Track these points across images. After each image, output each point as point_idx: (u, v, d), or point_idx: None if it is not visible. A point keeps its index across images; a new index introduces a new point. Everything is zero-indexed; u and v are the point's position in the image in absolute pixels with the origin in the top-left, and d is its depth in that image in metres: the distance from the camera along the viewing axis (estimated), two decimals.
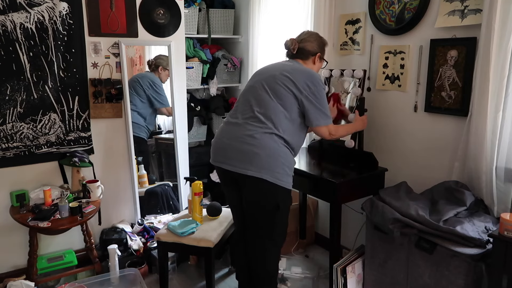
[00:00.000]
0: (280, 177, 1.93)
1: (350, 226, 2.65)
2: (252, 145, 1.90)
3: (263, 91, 1.98)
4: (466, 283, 1.72)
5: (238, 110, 2.04)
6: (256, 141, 1.91)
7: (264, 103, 1.96)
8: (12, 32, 2.40)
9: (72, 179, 2.66)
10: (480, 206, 1.94)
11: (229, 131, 2.01)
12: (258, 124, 1.93)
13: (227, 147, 1.98)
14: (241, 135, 1.94)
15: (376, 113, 2.51)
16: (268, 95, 1.96)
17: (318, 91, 1.97)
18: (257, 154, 1.90)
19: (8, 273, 2.56)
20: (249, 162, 1.90)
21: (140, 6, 2.80)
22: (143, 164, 3.12)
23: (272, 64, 2.16)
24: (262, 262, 2.12)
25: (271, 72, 2.04)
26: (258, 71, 2.17)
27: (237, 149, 1.93)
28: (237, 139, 1.94)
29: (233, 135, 1.97)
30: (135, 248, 2.70)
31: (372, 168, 2.33)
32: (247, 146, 1.91)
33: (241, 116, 1.99)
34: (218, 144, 2.04)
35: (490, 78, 1.83)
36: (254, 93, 2.01)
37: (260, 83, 2.01)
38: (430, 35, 2.17)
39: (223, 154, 1.99)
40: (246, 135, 1.92)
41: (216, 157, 2.05)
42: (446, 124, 2.16)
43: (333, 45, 2.75)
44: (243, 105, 2.03)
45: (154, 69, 3.13)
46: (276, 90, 1.96)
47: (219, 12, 3.58)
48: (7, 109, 2.45)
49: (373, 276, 2.16)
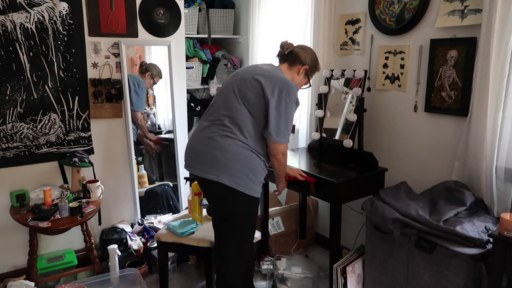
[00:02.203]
0: (239, 182, 1.82)
1: (350, 226, 2.65)
2: (212, 148, 1.84)
3: (233, 94, 1.89)
4: (466, 283, 1.72)
5: (208, 112, 1.99)
6: (216, 143, 1.83)
7: (232, 107, 1.87)
8: (12, 32, 2.40)
9: (72, 179, 2.66)
10: (480, 206, 1.94)
11: (196, 134, 1.97)
12: (221, 127, 1.86)
13: (192, 150, 1.95)
14: (203, 138, 1.90)
15: (376, 113, 2.51)
16: (236, 99, 1.86)
17: (288, 101, 1.84)
18: (216, 156, 1.82)
19: (8, 273, 2.56)
20: (209, 165, 1.84)
21: (140, 6, 2.80)
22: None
23: (250, 66, 2.11)
24: (222, 274, 2.02)
25: (245, 75, 1.94)
26: (235, 72, 2.08)
27: (199, 152, 1.89)
28: (200, 142, 1.91)
29: (198, 138, 1.93)
30: (135, 248, 2.70)
31: (372, 168, 2.33)
32: (207, 148, 1.85)
33: (208, 119, 1.95)
34: (187, 147, 2.00)
35: (490, 78, 1.83)
36: (224, 96, 1.94)
37: (231, 86, 1.93)
38: (430, 35, 2.17)
39: (189, 157, 1.96)
40: (208, 138, 1.87)
41: (185, 161, 2.00)
42: (446, 124, 2.16)
43: (333, 45, 2.75)
44: (212, 107, 1.98)
45: (142, 72, 3.12)
46: (245, 94, 1.86)
47: (219, 12, 3.58)
48: (7, 109, 2.45)
49: (373, 276, 2.16)
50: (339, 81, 2.55)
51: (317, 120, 2.67)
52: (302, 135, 2.93)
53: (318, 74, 2.70)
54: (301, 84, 2.09)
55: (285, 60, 2.05)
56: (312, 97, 2.80)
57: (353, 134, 2.38)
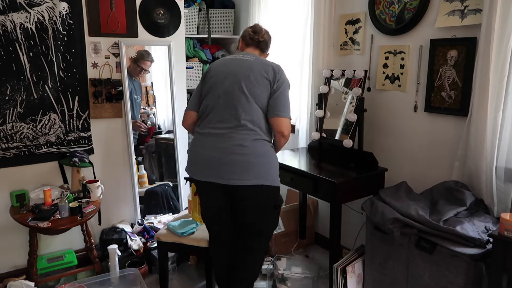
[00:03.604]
0: (275, 178, 1.98)
1: (350, 226, 2.65)
2: (244, 155, 1.86)
3: (245, 96, 1.89)
4: (466, 283, 1.72)
5: (217, 118, 1.92)
6: (247, 149, 1.86)
7: (250, 110, 1.89)
8: (12, 32, 2.39)
9: (72, 179, 2.66)
10: (480, 206, 1.94)
11: (212, 142, 1.90)
12: (246, 131, 1.88)
13: (216, 161, 1.88)
14: (229, 146, 1.86)
15: (376, 113, 2.51)
16: (251, 100, 1.89)
17: (286, 82, 1.99)
18: (251, 163, 1.87)
19: (8, 273, 2.56)
20: (245, 172, 1.86)
21: (140, 6, 2.80)
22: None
23: (232, 60, 2.01)
24: (255, 266, 2.14)
25: (243, 72, 1.92)
26: (221, 69, 1.99)
27: (229, 161, 1.86)
28: (226, 151, 1.86)
29: (220, 147, 1.88)
30: (135, 248, 2.70)
31: (372, 168, 2.33)
32: (240, 156, 1.86)
33: (224, 125, 1.89)
34: (201, 156, 1.92)
35: (490, 78, 1.83)
36: (235, 99, 1.89)
37: (238, 86, 1.89)
38: (430, 35, 2.17)
39: (212, 168, 1.89)
40: (235, 145, 1.86)
41: (201, 172, 1.93)
42: (446, 124, 2.16)
43: (333, 45, 2.75)
44: (224, 112, 1.91)
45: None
46: (257, 94, 1.90)
47: (219, 12, 3.58)
48: (7, 109, 2.45)
49: (373, 276, 2.16)
50: (339, 81, 2.55)
51: (317, 120, 2.67)
52: (302, 135, 2.93)
53: (318, 74, 2.72)
54: None
55: (256, 47, 2.11)
56: (312, 97, 2.80)
57: (353, 134, 2.37)
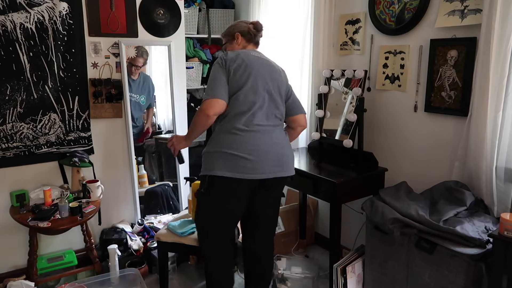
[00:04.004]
0: None
1: (350, 226, 2.65)
2: (290, 146, 2.04)
3: (280, 97, 2.00)
4: (466, 283, 1.72)
5: (263, 115, 1.92)
6: (287, 143, 2.04)
7: (282, 109, 2.03)
8: (12, 32, 2.39)
9: (72, 179, 2.66)
10: (480, 206, 1.94)
11: (264, 138, 1.91)
12: (282, 128, 2.04)
13: (271, 156, 1.92)
14: (282, 141, 1.98)
15: (376, 113, 2.51)
16: (282, 100, 2.03)
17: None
18: (293, 154, 2.06)
19: (8, 273, 2.56)
20: (292, 163, 2.03)
21: (140, 6, 2.80)
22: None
23: (256, 58, 2.00)
24: (272, 259, 2.25)
25: (273, 73, 2.00)
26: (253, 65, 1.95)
27: (285, 154, 1.98)
28: (276, 146, 1.95)
29: (273, 142, 1.94)
30: (135, 248, 2.70)
31: (372, 168, 2.33)
32: (290, 150, 2.03)
33: (270, 123, 1.95)
34: (262, 153, 1.89)
35: (490, 78, 1.83)
36: (275, 99, 1.97)
37: (268, 86, 1.95)
38: (430, 35, 2.17)
39: (276, 164, 1.93)
40: (286, 140, 2.03)
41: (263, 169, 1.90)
42: (446, 124, 2.16)
43: (333, 45, 2.75)
44: (268, 110, 1.94)
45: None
46: (282, 95, 2.03)
47: (219, 12, 3.58)
48: (7, 109, 2.45)
49: (373, 276, 2.16)
50: (339, 81, 2.55)
51: (317, 120, 2.67)
52: (302, 135, 2.92)
53: (318, 74, 2.72)
54: None
55: (257, 45, 2.13)
56: (312, 97, 2.80)
57: (353, 134, 2.38)
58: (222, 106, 1.88)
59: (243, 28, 2.08)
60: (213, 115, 1.88)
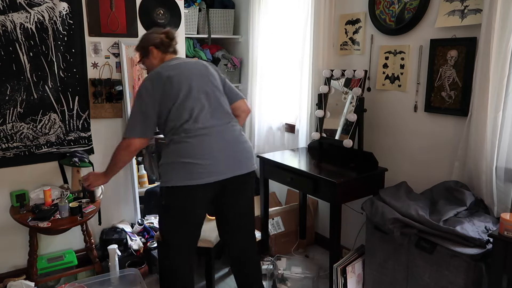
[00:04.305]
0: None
1: (350, 226, 2.65)
2: (247, 142, 2.01)
3: (218, 91, 1.98)
4: (466, 283, 1.72)
5: (208, 116, 1.90)
6: (245, 137, 2.01)
7: (223, 100, 1.99)
8: (12, 32, 2.40)
9: (72, 179, 2.66)
10: (480, 206, 1.94)
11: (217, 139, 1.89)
12: (235, 122, 2.01)
13: (229, 153, 1.90)
14: (234, 137, 1.95)
15: (376, 113, 2.51)
16: (223, 94, 2.01)
17: None
18: (251, 148, 2.02)
19: (8, 273, 2.56)
20: (251, 158, 1.99)
21: (140, 6, 2.80)
22: None
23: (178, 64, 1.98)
24: (258, 262, 2.20)
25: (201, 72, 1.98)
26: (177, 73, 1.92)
27: (241, 150, 1.95)
28: (234, 142, 1.93)
29: (227, 139, 1.91)
30: (135, 248, 2.70)
31: (372, 168, 2.33)
32: (247, 144, 1.99)
33: (219, 122, 1.92)
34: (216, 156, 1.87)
35: (490, 78, 1.83)
36: (207, 96, 1.92)
37: (201, 86, 1.92)
38: (430, 35, 2.17)
39: (232, 162, 1.90)
40: (238, 135, 1.97)
41: (218, 171, 1.87)
42: (446, 124, 2.16)
43: (333, 45, 2.75)
44: (213, 110, 1.92)
45: None
46: (220, 88, 2.02)
47: (219, 12, 3.58)
48: (7, 109, 2.45)
49: (373, 276, 2.16)
50: (339, 81, 2.55)
51: (317, 120, 2.67)
52: (302, 135, 2.93)
53: (318, 74, 2.72)
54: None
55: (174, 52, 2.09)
56: (312, 97, 2.80)
57: (353, 134, 2.38)
58: (144, 142, 1.96)
59: (156, 40, 2.03)
60: (135, 151, 1.98)
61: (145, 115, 1.89)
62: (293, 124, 3.08)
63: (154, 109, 1.88)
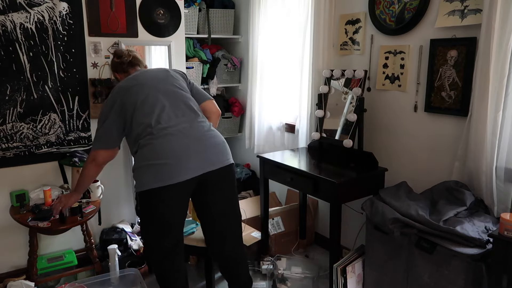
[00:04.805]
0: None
1: (350, 226, 2.65)
2: (218, 136, 1.99)
3: (180, 89, 2.01)
4: (466, 283, 1.72)
5: (172, 116, 1.91)
6: (216, 132, 2.00)
7: (186, 98, 2.00)
8: (12, 32, 2.40)
9: (72, 179, 2.66)
10: (480, 206, 1.94)
11: (185, 136, 1.88)
12: (204, 119, 2.01)
13: (201, 150, 1.88)
14: (203, 133, 1.93)
15: (376, 113, 2.51)
16: (186, 92, 2.02)
17: None
18: (224, 142, 2.00)
19: (8, 273, 2.56)
20: (224, 152, 1.97)
21: (140, 6, 2.80)
22: None
23: (137, 74, 2.09)
24: (245, 262, 2.18)
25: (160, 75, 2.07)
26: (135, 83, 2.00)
27: (211, 145, 1.92)
28: (203, 137, 1.92)
29: (196, 136, 1.90)
30: (135, 248, 2.70)
31: (372, 168, 2.33)
32: (217, 138, 1.97)
33: (185, 119, 1.92)
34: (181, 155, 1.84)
35: (490, 78, 1.83)
36: (175, 95, 1.97)
37: (169, 84, 2.01)
38: (430, 35, 2.17)
39: (201, 159, 1.87)
40: (207, 130, 1.95)
41: (187, 169, 1.84)
42: (446, 124, 2.16)
43: (333, 45, 2.75)
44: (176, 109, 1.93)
45: None
46: (183, 86, 2.05)
47: (219, 12, 3.58)
48: (7, 109, 2.45)
49: (373, 276, 2.16)
50: (339, 81, 2.55)
51: (317, 120, 2.67)
52: (302, 135, 2.93)
53: (318, 74, 2.73)
54: None
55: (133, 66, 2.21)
56: (312, 97, 2.80)
57: (353, 134, 2.38)
58: (110, 153, 2.04)
59: (114, 66, 2.25)
60: (103, 164, 2.06)
61: (107, 127, 1.98)
62: (293, 124, 3.08)
63: (116, 121, 1.96)
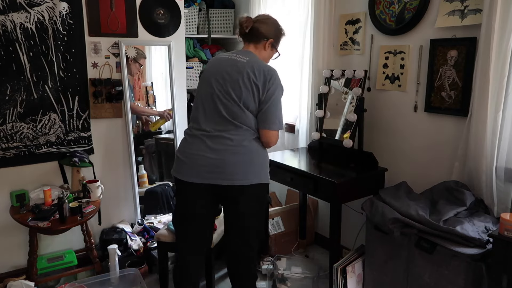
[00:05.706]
0: (268, 176, 1.98)
1: (350, 226, 2.65)
2: (244, 154, 1.85)
3: (232, 101, 1.84)
4: (466, 283, 1.72)
5: (206, 120, 1.89)
6: (247, 148, 1.86)
7: (237, 114, 1.85)
8: (12, 32, 2.39)
9: (72, 179, 2.66)
10: (480, 206, 1.94)
11: (207, 144, 1.85)
12: (241, 132, 1.86)
13: (215, 162, 1.83)
14: (228, 147, 1.84)
15: (376, 113, 2.51)
16: (238, 106, 1.84)
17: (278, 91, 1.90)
18: (252, 161, 1.87)
19: (8, 273, 2.56)
20: (249, 171, 1.86)
21: (140, 6, 2.80)
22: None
23: (224, 59, 1.93)
24: (252, 271, 2.10)
25: (232, 75, 1.85)
26: (210, 70, 1.93)
27: (231, 162, 1.84)
28: (213, 152, 1.83)
29: (216, 148, 1.84)
30: (135, 248, 2.70)
31: (372, 168, 2.33)
32: (240, 156, 1.85)
33: (215, 127, 1.86)
34: (196, 159, 1.86)
35: (490, 78, 1.83)
36: (221, 103, 1.85)
37: (223, 90, 1.85)
38: (430, 35, 2.17)
39: (211, 170, 1.84)
40: (234, 145, 1.84)
41: (198, 173, 1.85)
42: (446, 124, 2.16)
43: (333, 45, 2.75)
44: (212, 115, 1.88)
45: None
46: (245, 99, 1.84)
47: (219, 12, 3.58)
48: (7, 109, 2.45)
49: (373, 276, 2.16)
50: (339, 81, 2.55)
51: (317, 120, 2.67)
52: (302, 135, 2.93)
53: (318, 74, 2.73)
54: (270, 57, 2.07)
55: (249, 40, 1.98)
56: (312, 97, 2.80)
57: (353, 134, 2.38)
58: None
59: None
60: None
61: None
62: (293, 124, 3.08)
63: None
